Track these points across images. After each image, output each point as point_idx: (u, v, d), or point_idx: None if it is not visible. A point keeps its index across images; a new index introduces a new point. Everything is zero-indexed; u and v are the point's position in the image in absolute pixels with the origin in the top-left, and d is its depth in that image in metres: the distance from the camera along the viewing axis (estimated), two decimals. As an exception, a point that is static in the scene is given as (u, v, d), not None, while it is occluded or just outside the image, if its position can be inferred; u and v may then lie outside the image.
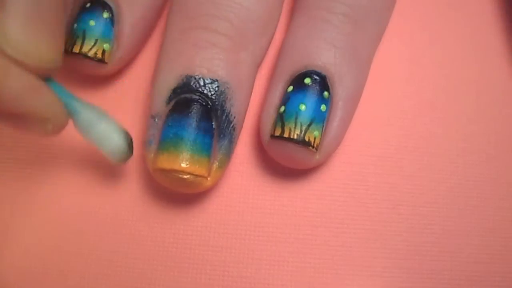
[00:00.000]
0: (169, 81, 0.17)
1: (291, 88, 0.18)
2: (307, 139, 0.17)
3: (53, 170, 0.19)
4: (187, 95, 0.17)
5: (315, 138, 0.17)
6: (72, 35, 0.18)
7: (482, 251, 0.20)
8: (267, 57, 0.21)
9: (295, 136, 0.17)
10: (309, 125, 0.17)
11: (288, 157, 0.18)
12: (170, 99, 0.17)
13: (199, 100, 0.17)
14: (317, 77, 0.18)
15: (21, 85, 0.13)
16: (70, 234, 0.19)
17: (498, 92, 0.21)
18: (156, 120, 0.17)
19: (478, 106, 0.21)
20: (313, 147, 0.17)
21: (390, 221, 0.20)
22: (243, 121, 0.19)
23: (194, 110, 0.17)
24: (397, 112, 0.21)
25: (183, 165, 0.16)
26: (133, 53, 0.20)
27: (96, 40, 0.18)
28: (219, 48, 0.17)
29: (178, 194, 0.19)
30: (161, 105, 0.17)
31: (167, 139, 0.17)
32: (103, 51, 0.18)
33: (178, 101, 0.17)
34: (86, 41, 0.18)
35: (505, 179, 0.20)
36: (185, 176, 0.17)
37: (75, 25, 0.18)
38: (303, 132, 0.17)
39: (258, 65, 0.19)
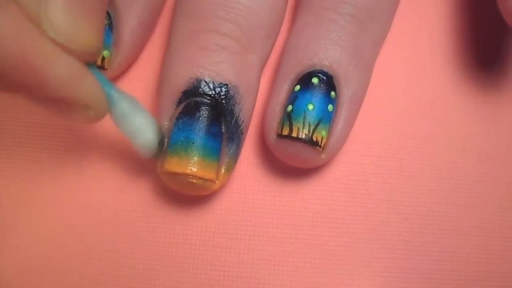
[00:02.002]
0: (179, 83, 0.17)
1: (298, 87, 0.18)
2: (314, 139, 0.17)
3: (53, 170, 0.19)
4: (198, 99, 0.17)
5: (322, 138, 0.17)
6: None
7: (481, 251, 0.20)
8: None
9: (303, 136, 0.17)
10: (317, 125, 0.17)
11: (295, 157, 0.18)
12: (180, 101, 0.17)
13: (210, 104, 0.17)
14: (324, 77, 0.18)
15: (67, 71, 0.13)
16: (70, 234, 0.19)
17: (498, 92, 0.21)
18: (166, 122, 0.17)
19: (478, 106, 0.21)
20: (320, 146, 0.17)
21: (390, 221, 0.20)
22: (249, 125, 0.19)
23: (204, 114, 0.17)
24: (397, 112, 0.21)
25: (194, 169, 0.16)
26: (133, 58, 0.20)
27: None
28: (228, 52, 0.17)
29: (178, 194, 0.19)
30: (170, 107, 0.17)
31: (178, 142, 0.17)
32: (103, 58, 0.18)
33: (189, 104, 0.17)
34: None
35: (505, 179, 0.20)
36: (194, 180, 0.17)
37: None
38: (311, 132, 0.17)
39: (263, 68, 0.19)
